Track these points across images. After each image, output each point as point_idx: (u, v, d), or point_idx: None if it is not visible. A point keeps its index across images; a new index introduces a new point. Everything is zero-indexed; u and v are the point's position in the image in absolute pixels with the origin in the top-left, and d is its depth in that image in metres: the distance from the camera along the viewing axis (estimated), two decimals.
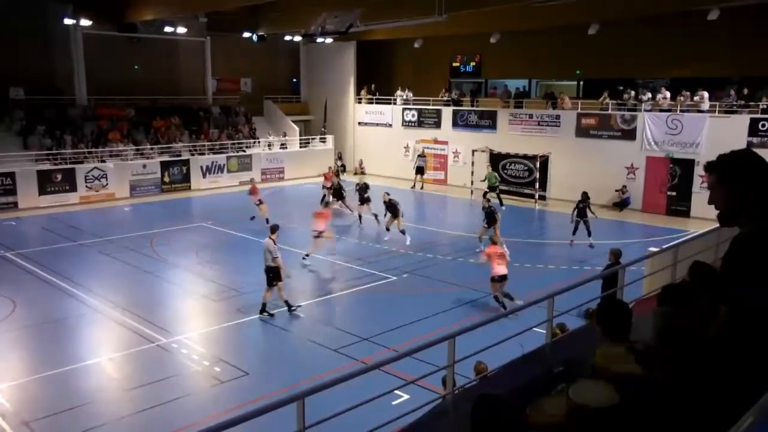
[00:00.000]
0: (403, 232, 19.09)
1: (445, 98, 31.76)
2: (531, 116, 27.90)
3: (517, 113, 28.56)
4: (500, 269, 13.08)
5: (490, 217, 17.98)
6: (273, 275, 13.01)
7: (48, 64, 29.15)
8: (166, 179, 28.58)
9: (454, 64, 33.28)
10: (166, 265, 17.28)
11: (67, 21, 27.38)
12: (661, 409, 2.66)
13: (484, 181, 25.29)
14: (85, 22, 27.18)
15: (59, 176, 25.71)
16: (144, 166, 28.06)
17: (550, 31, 26.53)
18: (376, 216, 20.90)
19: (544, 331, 5.92)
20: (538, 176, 26.12)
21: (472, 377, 6.39)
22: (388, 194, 19.58)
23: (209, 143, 31.02)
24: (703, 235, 8.43)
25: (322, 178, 26.02)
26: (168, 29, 29.34)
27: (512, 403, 3.07)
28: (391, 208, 19.20)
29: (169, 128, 30.83)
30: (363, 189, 21.98)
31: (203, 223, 22.09)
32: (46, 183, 25.24)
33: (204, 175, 29.91)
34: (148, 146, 29.16)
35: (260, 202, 21.88)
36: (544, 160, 26.04)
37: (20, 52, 27.38)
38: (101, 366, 11.00)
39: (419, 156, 30.72)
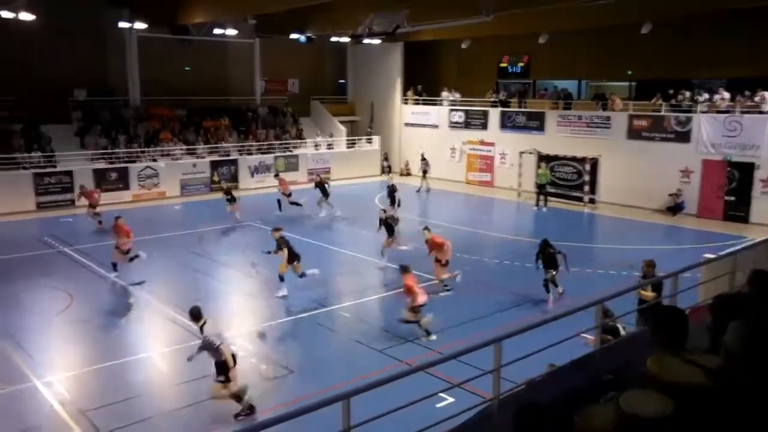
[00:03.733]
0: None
1: (492, 99, 31.49)
2: (580, 118, 27.40)
3: (566, 114, 28.10)
4: (423, 298, 12.16)
5: (389, 228, 17.39)
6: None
7: (104, 67, 30.11)
8: (215, 178, 29.16)
9: (502, 65, 32.97)
10: (214, 263, 17.62)
11: (123, 25, 28.21)
12: (724, 420, 2.57)
13: (537, 179, 25.32)
14: (139, 26, 27.95)
15: (114, 175, 26.53)
16: (194, 165, 28.70)
17: (600, 31, 25.99)
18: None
19: (592, 337, 5.80)
20: (587, 179, 25.64)
21: (518, 382, 6.31)
22: (385, 211, 18.34)
23: (257, 143, 31.51)
24: (765, 243, 8.13)
25: (382, 178, 26.22)
26: (218, 31, 29.92)
27: (557, 411, 3.01)
28: (387, 227, 17.49)
29: (219, 128, 31.45)
30: (392, 190, 21.68)
31: (251, 222, 22.42)
32: (101, 181, 26.06)
33: (252, 175, 30.40)
34: (198, 146, 29.80)
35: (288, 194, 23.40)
36: (594, 163, 25.54)
37: (80, 56, 28.35)
38: (152, 360, 11.29)
39: (422, 159, 30.35)
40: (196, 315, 9.29)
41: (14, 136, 26.20)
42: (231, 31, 30.28)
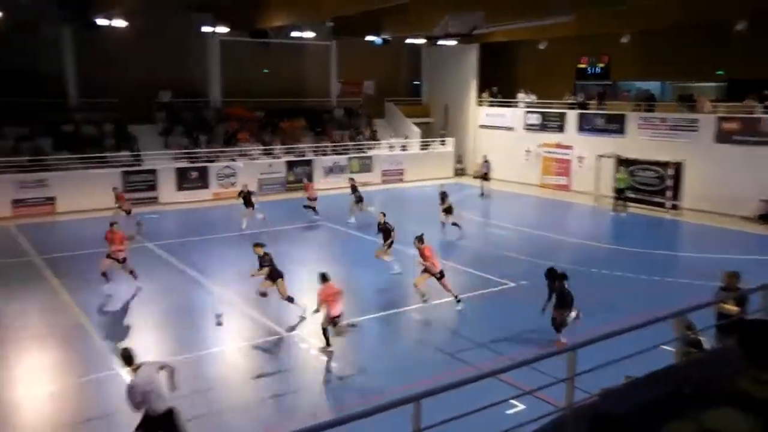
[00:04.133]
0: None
1: (569, 101, 30.74)
2: (664, 120, 26.31)
3: (649, 117, 27.06)
4: (337, 309, 11.70)
5: (386, 234, 16.60)
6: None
7: (187, 70, 31.34)
8: (291, 178, 29.81)
9: (580, 66, 32.14)
10: (289, 260, 17.96)
11: (206, 29, 29.26)
12: None
13: (616, 183, 24.55)
14: (221, 30, 28.92)
15: (194, 174, 27.56)
16: (270, 165, 29.43)
17: (687, 30, 24.89)
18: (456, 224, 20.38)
19: (673, 350, 5.56)
20: (670, 184, 24.62)
21: (592, 392, 6.13)
22: (384, 214, 17.15)
23: (332, 144, 31.98)
24: None
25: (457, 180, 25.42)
26: (296, 34, 30.56)
27: (634, 423, 2.90)
28: (385, 232, 16.65)
29: (295, 129, 32.12)
30: (444, 196, 21.00)
31: (324, 222, 22.77)
32: (183, 180, 27.14)
33: (326, 175, 30.88)
34: (275, 146, 30.54)
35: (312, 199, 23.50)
36: (678, 167, 24.49)
37: (164, 59, 29.66)
38: (228, 354, 11.65)
39: (485, 162, 29.68)
40: (126, 359, 7.82)
41: (106, 136, 27.71)
42: (308, 34, 30.85)
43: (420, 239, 14.08)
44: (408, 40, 33.79)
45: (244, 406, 9.56)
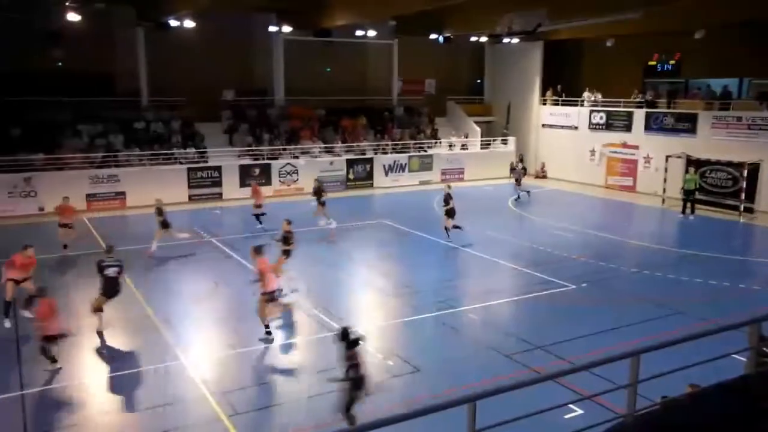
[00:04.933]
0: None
1: (637, 100, 29.78)
2: (740, 119, 25.14)
3: (723, 116, 25.90)
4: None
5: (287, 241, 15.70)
6: None
7: (252, 69, 32.06)
8: (351, 176, 30.04)
9: (650, 63, 31.08)
10: (347, 258, 18.13)
11: (271, 28, 29.84)
12: None
13: (684, 185, 23.60)
14: (285, 29, 29.41)
15: (257, 170, 28.13)
16: (331, 163, 29.73)
17: (765, 24, 23.69)
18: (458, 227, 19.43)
19: (745, 359, 5.29)
20: (744, 186, 23.52)
21: (655, 400, 5.90)
22: (289, 222, 16.17)
23: (392, 143, 32.03)
24: None
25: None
26: (358, 33, 30.77)
27: None
28: (286, 240, 15.66)
29: (356, 128, 32.33)
30: (448, 198, 19.44)
31: (383, 220, 22.83)
32: (246, 176, 27.73)
33: (386, 174, 30.97)
34: (336, 144, 30.82)
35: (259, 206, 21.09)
36: (754, 168, 23.38)
37: (230, 59, 30.42)
38: (285, 348, 11.81)
39: (519, 166, 28.82)
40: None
41: (173, 133, 28.64)
42: (371, 33, 31.01)
43: (257, 250, 12.17)
44: (471, 38, 33.50)
45: (296, 402, 9.67)
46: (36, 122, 26.23)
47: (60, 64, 28.13)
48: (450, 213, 19.23)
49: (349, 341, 8.50)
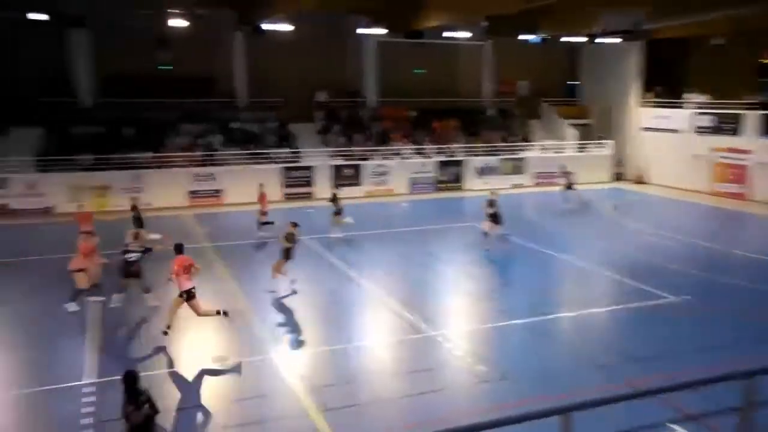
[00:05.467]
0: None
1: (750, 101, 27.91)
2: None
3: None
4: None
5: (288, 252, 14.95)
6: None
7: (345, 70, 32.60)
8: (441, 178, 29.94)
9: (764, 62, 29.06)
10: (436, 260, 18.04)
11: (363, 31, 30.22)
12: None
13: None
14: (378, 31, 29.70)
15: (349, 171, 28.57)
16: (422, 164, 29.75)
17: None
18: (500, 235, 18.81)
19: None
20: None
21: None
22: (295, 225, 15.19)
23: (483, 145, 31.65)
24: None
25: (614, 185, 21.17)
26: (450, 34, 30.62)
27: None
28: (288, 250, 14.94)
29: (447, 129, 32.20)
30: (491, 204, 18.94)
31: (473, 223, 22.58)
32: (337, 177, 28.23)
33: (477, 176, 30.64)
34: (426, 146, 30.81)
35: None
36: None
37: (324, 60, 31.11)
38: (374, 348, 11.90)
39: (566, 172, 27.16)
40: None
41: (269, 133, 29.60)
42: (463, 34, 30.78)
43: (177, 248, 12.01)
44: (565, 39, 32.57)
45: (385, 401, 9.70)
46: (146, 122, 27.94)
47: (167, 67, 29.73)
48: (495, 219, 18.66)
49: (131, 388, 6.96)
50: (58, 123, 26.89)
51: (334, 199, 20.84)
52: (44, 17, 24.80)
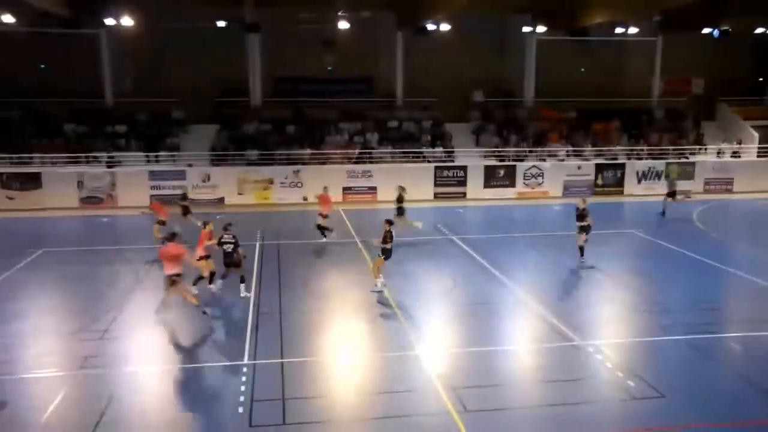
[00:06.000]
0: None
1: None
2: None
3: None
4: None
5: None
6: None
7: (502, 70, 32.09)
8: (599, 182, 28.50)
9: None
10: (591, 268, 17.17)
11: (525, 29, 29.56)
12: None
13: None
14: (539, 29, 28.89)
15: (501, 172, 28.10)
16: (579, 167, 28.53)
17: None
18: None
19: None
20: None
21: None
22: (390, 222, 14.91)
23: (648, 148, 29.68)
24: None
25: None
26: (618, 30, 29.03)
27: None
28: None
29: (608, 131, 30.60)
30: (581, 216, 17.01)
31: (633, 230, 21.25)
32: (490, 177, 27.89)
33: (639, 181, 28.83)
34: (585, 148, 29.48)
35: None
36: None
37: (481, 60, 30.87)
38: (518, 353, 11.57)
39: (667, 177, 24.21)
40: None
41: (423, 132, 29.94)
42: (632, 29, 29.06)
43: (170, 236, 12.91)
44: (754, 31, 29.53)
45: (527, 408, 9.39)
46: (307, 121, 29.56)
47: (330, 69, 31.18)
48: (585, 229, 17.00)
49: None
50: (231, 121, 29.27)
51: (400, 198, 20.23)
52: (224, 24, 27.07)
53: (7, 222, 18.75)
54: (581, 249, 17.04)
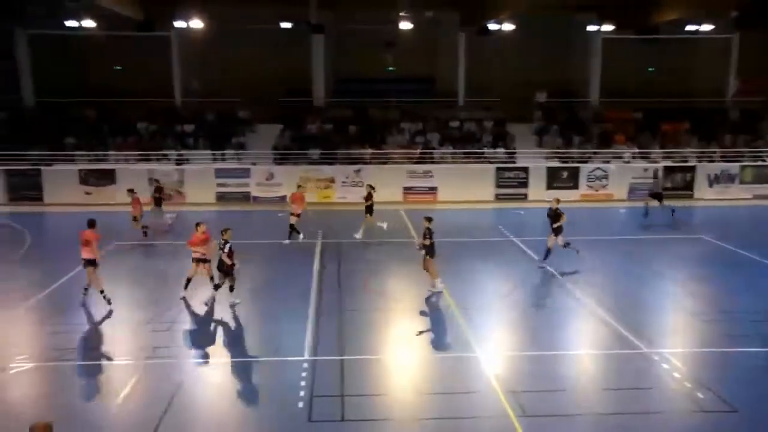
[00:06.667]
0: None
1: None
2: None
3: None
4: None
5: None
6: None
7: (566, 69, 31.47)
8: (667, 185, 27.55)
9: None
10: (657, 274, 16.67)
11: (591, 28, 28.90)
12: None
13: None
14: (606, 28, 28.20)
15: (565, 174, 27.56)
16: (645, 169, 27.64)
17: None
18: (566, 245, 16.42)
19: None
20: None
21: None
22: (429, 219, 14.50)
23: (721, 150, 28.52)
24: None
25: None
26: (690, 28, 28.04)
27: None
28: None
29: (677, 132, 29.58)
30: (554, 216, 16.41)
31: (702, 236, 20.48)
32: (553, 179, 27.39)
33: (710, 184, 27.74)
34: (652, 150, 28.59)
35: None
36: None
37: (545, 59, 30.38)
38: (580, 358, 11.34)
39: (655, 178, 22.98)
40: None
41: (485, 133, 29.69)
42: (706, 27, 28.00)
43: (89, 223, 13.76)
44: None
45: (589, 416, 9.19)
46: (369, 121, 29.79)
47: (391, 69, 31.32)
48: (557, 230, 16.46)
49: None
50: (294, 120, 29.80)
51: (369, 196, 20.05)
52: (289, 25, 27.59)
53: (84, 216, 20.01)
54: (547, 251, 16.56)
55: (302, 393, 9.64)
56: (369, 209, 20.13)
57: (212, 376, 10.59)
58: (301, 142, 28.65)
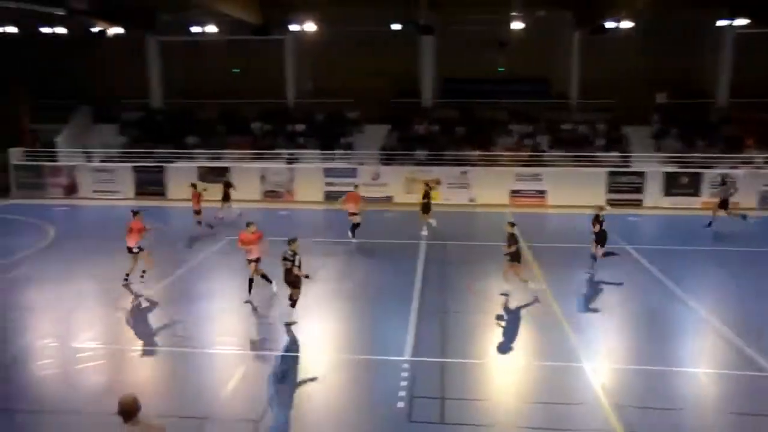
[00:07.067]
0: None
1: None
2: None
3: None
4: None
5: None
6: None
7: (690, 68, 29.51)
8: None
9: None
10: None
11: (721, 23, 26.97)
12: None
13: None
14: (739, 22, 26.21)
15: (685, 179, 25.94)
16: None
17: None
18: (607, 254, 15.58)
19: None
20: None
21: None
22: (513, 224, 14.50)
23: None
24: None
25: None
26: None
27: None
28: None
29: None
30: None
31: None
32: (671, 185, 25.87)
33: None
34: None
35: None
36: None
37: (666, 58, 28.66)
38: (697, 377, 10.59)
39: (722, 184, 21.14)
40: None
41: (598, 136, 28.50)
42: None
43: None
44: None
45: None
46: (477, 122, 29.44)
47: (501, 69, 30.80)
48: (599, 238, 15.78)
49: None
50: (402, 121, 30.00)
51: (426, 194, 20.55)
52: (398, 27, 27.77)
53: (207, 211, 21.91)
54: (593, 258, 16.01)
55: (402, 393, 9.64)
56: (426, 208, 19.99)
57: (314, 372, 10.80)
58: (408, 143, 28.79)
